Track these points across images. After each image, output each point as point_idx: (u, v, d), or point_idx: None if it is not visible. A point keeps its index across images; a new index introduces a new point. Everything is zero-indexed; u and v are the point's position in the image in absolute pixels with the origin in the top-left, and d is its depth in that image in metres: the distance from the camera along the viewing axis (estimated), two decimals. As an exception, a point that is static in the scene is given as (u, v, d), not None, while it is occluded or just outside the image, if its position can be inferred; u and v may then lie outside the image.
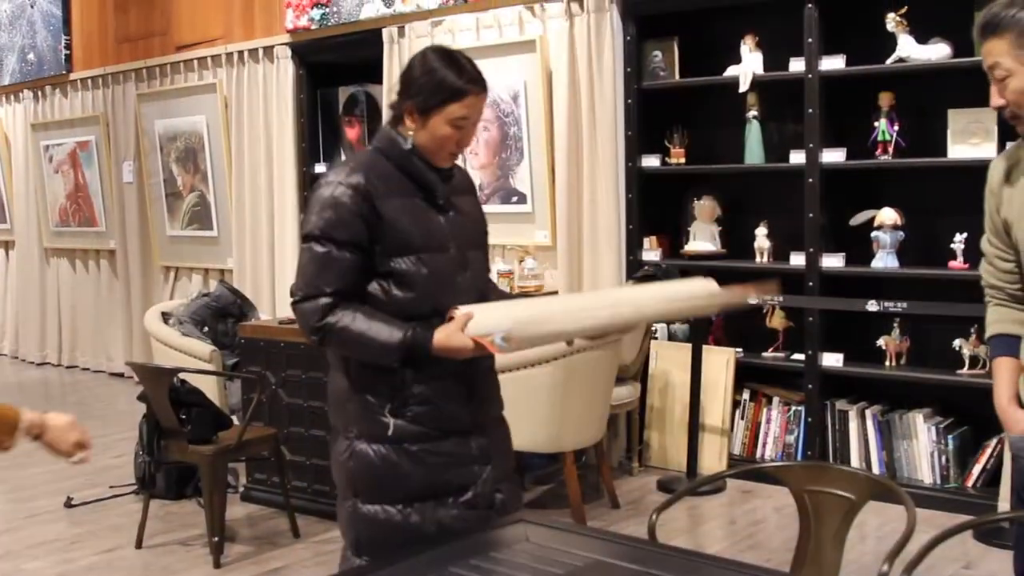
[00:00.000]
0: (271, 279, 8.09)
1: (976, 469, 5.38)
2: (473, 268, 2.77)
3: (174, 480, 5.70)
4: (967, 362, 5.39)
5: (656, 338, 6.35)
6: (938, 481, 5.46)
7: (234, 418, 5.55)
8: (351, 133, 7.86)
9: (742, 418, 6.11)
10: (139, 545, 4.97)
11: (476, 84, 2.64)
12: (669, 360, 6.25)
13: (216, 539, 4.74)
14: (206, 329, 6.44)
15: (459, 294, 2.68)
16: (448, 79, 2.61)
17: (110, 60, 9.45)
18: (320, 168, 7.88)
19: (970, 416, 5.56)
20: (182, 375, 5.03)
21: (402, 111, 2.69)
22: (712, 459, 6.01)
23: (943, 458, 5.45)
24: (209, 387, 5.54)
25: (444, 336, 2.55)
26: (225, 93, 8.35)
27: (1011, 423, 2.57)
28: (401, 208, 2.64)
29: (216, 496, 4.78)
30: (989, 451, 5.32)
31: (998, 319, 2.66)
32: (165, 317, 6.49)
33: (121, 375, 9.34)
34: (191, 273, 8.94)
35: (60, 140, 9.96)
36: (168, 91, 8.85)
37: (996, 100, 2.37)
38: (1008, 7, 2.33)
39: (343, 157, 7.91)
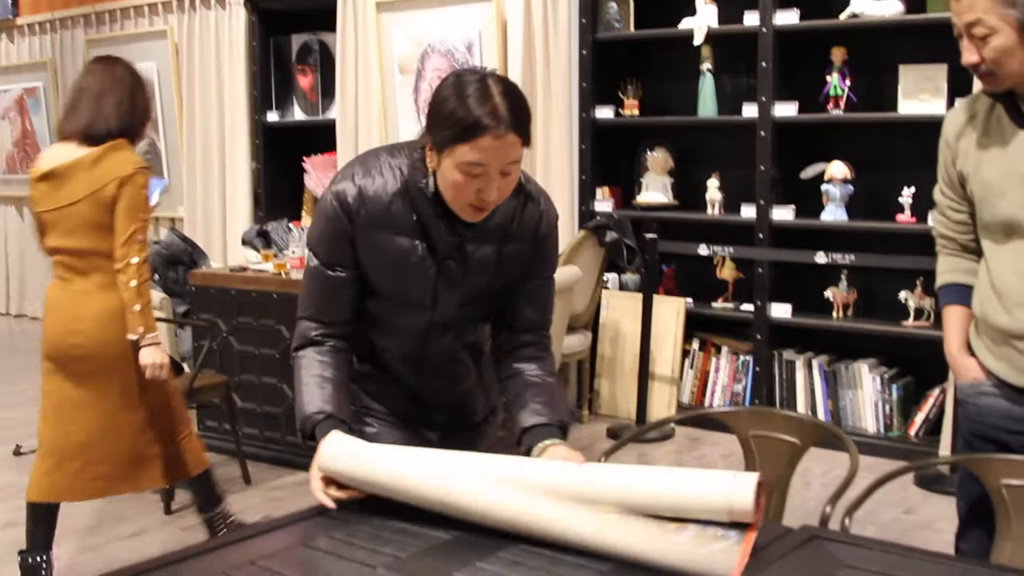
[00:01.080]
0: (222, 227, 8.06)
1: (919, 418, 5.49)
2: (456, 322, 2.41)
3: (125, 427, 5.68)
4: (912, 314, 5.47)
5: (607, 288, 6.40)
6: (882, 430, 5.56)
7: (185, 366, 5.54)
8: (304, 82, 7.81)
9: (691, 367, 6.18)
10: (90, 491, 4.96)
11: (495, 123, 2.09)
12: (620, 310, 6.30)
13: (167, 486, 4.74)
14: (156, 277, 6.42)
15: (423, 343, 2.42)
16: (459, 113, 2.10)
17: (58, 5, 9.31)
18: (272, 116, 7.84)
19: (914, 367, 5.67)
20: (133, 322, 4.99)
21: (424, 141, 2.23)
22: (661, 407, 6.08)
23: (887, 407, 5.55)
24: (160, 335, 5.50)
25: (321, 448, 2.19)
26: (176, 40, 8.26)
27: (961, 370, 2.61)
28: (380, 249, 2.29)
29: (167, 443, 4.77)
30: (932, 401, 5.43)
31: (949, 268, 2.70)
32: (115, 264, 6.45)
33: (71, 323, 9.26)
34: (141, 221, 8.86)
35: (6, 86, 9.82)
36: (118, 37, 8.73)
37: (971, 57, 2.35)
38: None
39: (295, 103, 7.87)
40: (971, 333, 2.62)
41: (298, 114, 7.93)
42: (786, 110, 5.71)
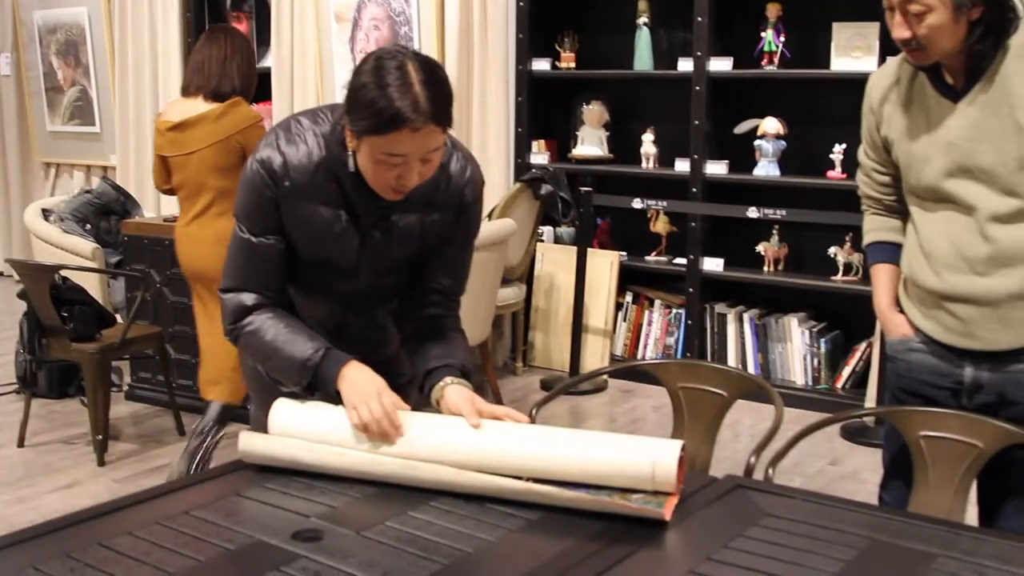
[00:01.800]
0: (155, 177, 7.96)
1: (846, 371, 5.60)
2: (378, 291, 2.42)
3: (56, 379, 5.65)
4: (841, 269, 5.57)
5: (542, 240, 6.43)
6: (810, 382, 5.67)
7: (118, 316, 5.51)
8: (239, 29, 7.72)
9: (624, 320, 6.24)
10: (21, 444, 4.93)
11: (415, 115, 2.02)
12: (554, 262, 6.34)
13: (100, 437, 4.73)
14: (88, 227, 6.35)
15: (344, 312, 2.44)
16: (378, 103, 2.03)
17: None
18: (206, 64, 7.74)
19: (842, 321, 5.77)
20: (64, 272, 4.96)
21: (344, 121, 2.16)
22: (595, 360, 6.14)
23: (815, 360, 5.66)
24: (92, 285, 5.47)
25: (359, 369, 2.21)
26: (107, -16, 8.12)
27: (891, 327, 2.67)
28: (304, 220, 2.26)
29: (100, 394, 4.76)
30: (858, 354, 5.54)
31: (875, 227, 2.76)
32: (46, 214, 6.37)
33: (0, 273, 9.15)
34: (72, 169, 8.76)
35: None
36: (48, -19, 8.58)
37: (902, 32, 2.36)
38: None
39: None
40: (900, 291, 2.68)
41: (232, 62, 7.83)
42: (721, 65, 5.75)
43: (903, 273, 2.65)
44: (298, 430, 2.14)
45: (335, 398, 2.19)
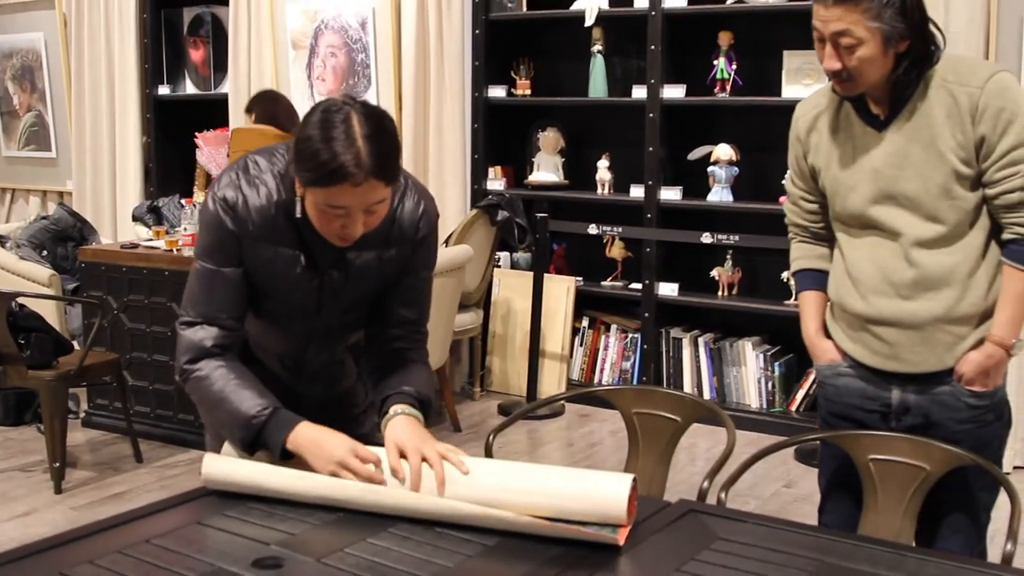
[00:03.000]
0: (112, 202, 7.94)
1: (800, 394, 5.68)
2: (339, 328, 2.45)
3: (12, 406, 5.62)
4: (794, 293, 5.62)
5: (499, 266, 6.47)
6: (764, 406, 5.73)
7: (75, 343, 5.49)
8: (195, 55, 7.74)
9: (581, 345, 6.29)
10: (-24, 471, 4.92)
11: (356, 170, 2.03)
12: (511, 288, 6.38)
13: (57, 464, 4.71)
14: (45, 253, 6.32)
15: (304, 349, 2.45)
16: (321, 156, 2.04)
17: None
18: (164, 90, 7.75)
19: (795, 345, 5.79)
20: (21, 299, 4.94)
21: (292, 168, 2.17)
22: (552, 384, 6.18)
23: (770, 384, 5.73)
24: (49, 312, 5.46)
25: (315, 429, 2.18)
26: (64, 10, 8.08)
27: (819, 352, 2.75)
28: (265, 262, 2.28)
29: (57, 421, 4.74)
30: (812, 378, 5.60)
31: (803, 255, 2.84)
32: (2, 240, 6.35)
33: (-46, 299, 9.07)
34: (28, 195, 8.70)
35: None
36: (3, 6, 8.51)
37: (833, 63, 2.42)
38: None
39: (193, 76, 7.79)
40: (827, 317, 2.76)
41: (190, 88, 7.84)
42: (674, 92, 5.82)
43: (830, 299, 2.72)
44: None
45: (277, 461, 2.17)
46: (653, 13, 5.77)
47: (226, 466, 2.16)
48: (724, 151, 5.73)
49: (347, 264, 2.31)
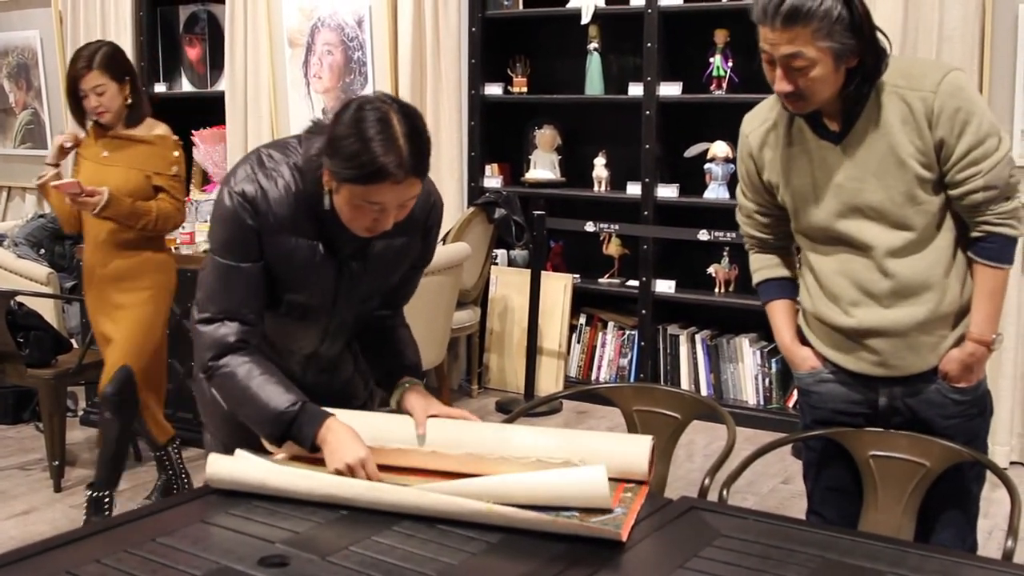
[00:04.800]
0: (108, 200, 7.93)
1: (796, 391, 5.68)
2: (353, 320, 2.49)
3: (11, 405, 5.63)
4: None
5: (496, 264, 6.48)
6: (761, 402, 5.75)
7: (73, 341, 5.50)
8: (192, 53, 7.74)
9: (578, 342, 6.30)
10: (-25, 469, 4.93)
11: (398, 171, 2.07)
12: (509, 285, 6.39)
13: (56, 463, 4.72)
14: (42, 251, 6.33)
15: (320, 342, 2.49)
16: (361, 157, 2.07)
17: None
18: (160, 88, 7.75)
19: (792, 341, 5.85)
20: (19, 298, 4.95)
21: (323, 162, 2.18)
22: (549, 381, 6.20)
23: (767, 380, 5.74)
24: (47, 310, 5.46)
25: (334, 438, 2.20)
26: (60, 8, 8.08)
27: (798, 361, 2.73)
28: (286, 253, 2.29)
29: (55, 420, 4.75)
30: (808, 375, 5.62)
31: (763, 265, 2.82)
32: (-1, 239, 6.36)
33: (-50, 297, 9.07)
34: (24, 193, 8.70)
35: None
36: (-1, 4, 8.54)
37: (784, 86, 2.38)
38: None
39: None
40: (801, 324, 2.74)
41: (186, 86, 7.84)
42: (670, 90, 5.84)
43: (805, 310, 2.70)
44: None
45: (281, 460, 2.23)
46: (649, 11, 5.78)
47: (230, 465, 2.17)
48: (721, 148, 5.74)
49: (365, 254, 2.36)
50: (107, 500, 4.18)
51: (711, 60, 5.76)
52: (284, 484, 2.11)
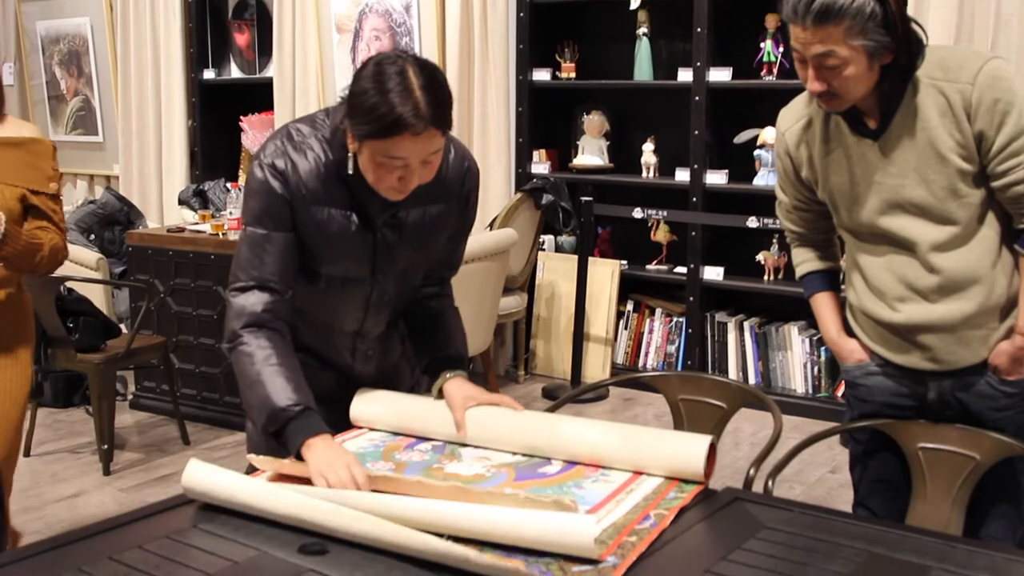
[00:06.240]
0: (159, 186, 8.00)
1: (844, 384, 5.62)
2: (395, 292, 2.46)
3: (61, 389, 5.69)
4: (842, 278, 5.58)
5: (543, 250, 6.46)
6: (810, 391, 5.69)
7: (122, 326, 5.54)
8: (240, 39, 7.77)
9: (625, 328, 6.28)
10: (27, 453, 4.97)
11: (416, 120, 2.07)
12: (556, 271, 6.37)
13: (105, 447, 4.76)
14: (92, 237, 6.39)
15: (364, 317, 2.47)
16: (380, 109, 2.07)
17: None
18: (209, 74, 7.79)
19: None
20: (69, 284, 5.00)
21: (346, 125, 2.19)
22: (596, 368, 6.17)
23: (815, 369, 5.69)
24: (96, 296, 5.51)
25: (324, 446, 2.12)
26: (110, -5, 8.17)
27: (845, 354, 2.70)
28: (320, 224, 2.30)
29: (105, 404, 4.79)
30: (858, 363, 5.56)
31: (806, 259, 2.79)
32: (50, 224, 6.40)
33: (4, 281, 9.17)
34: (76, 179, 8.79)
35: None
36: (51, -8, 8.62)
37: (817, 85, 2.34)
38: None
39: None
40: (848, 317, 2.71)
41: (235, 72, 7.88)
42: (720, 75, 5.78)
43: (853, 304, 2.66)
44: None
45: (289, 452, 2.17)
46: (699, -5, 5.74)
47: (204, 476, 2.03)
48: (770, 134, 5.68)
49: (399, 222, 2.35)
50: None
51: (761, 45, 5.70)
52: (250, 501, 1.96)
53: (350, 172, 2.22)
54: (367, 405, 2.42)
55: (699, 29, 5.76)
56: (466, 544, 1.76)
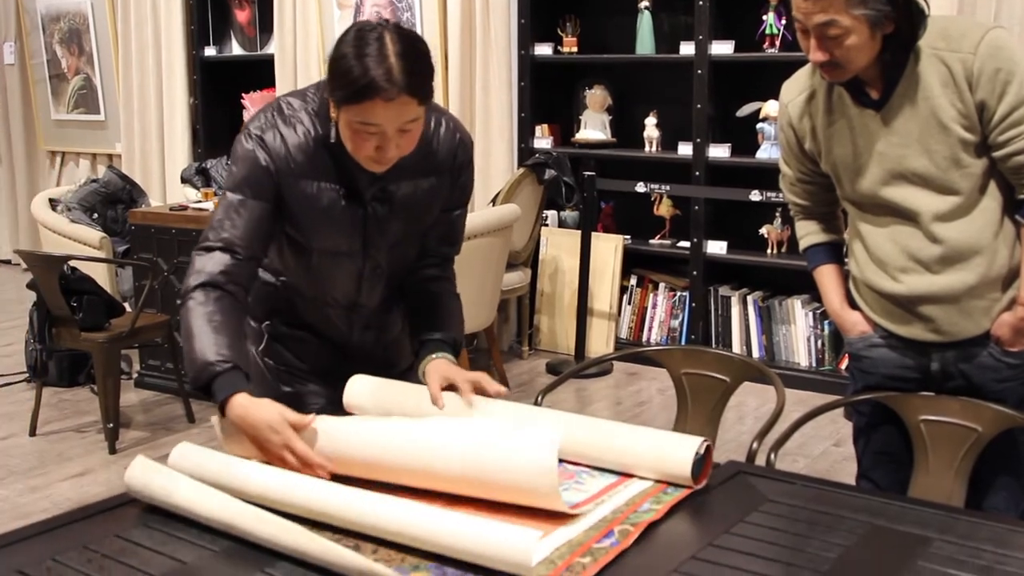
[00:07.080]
0: (160, 164, 8.00)
1: (847, 356, 5.63)
2: (388, 265, 2.45)
3: (66, 368, 5.70)
4: (845, 251, 5.58)
5: (546, 225, 6.46)
6: (814, 364, 5.70)
7: (126, 305, 5.55)
8: (241, 16, 7.75)
9: (629, 303, 6.28)
10: (33, 433, 4.98)
11: (388, 85, 2.05)
12: (559, 246, 6.37)
13: (111, 425, 4.78)
14: (95, 216, 6.38)
15: (358, 290, 2.46)
16: (353, 72, 2.06)
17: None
18: (210, 51, 7.77)
19: (846, 302, 5.79)
20: (72, 262, 5.00)
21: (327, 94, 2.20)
22: (600, 343, 6.18)
23: (819, 342, 5.69)
24: (100, 274, 5.51)
25: (247, 404, 2.10)
26: (110, -27, 8.14)
27: (848, 326, 2.70)
28: (309, 198, 2.29)
29: (110, 382, 4.81)
30: (862, 337, 5.56)
31: (809, 231, 2.79)
32: (53, 204, 6.40)
33: (8, 262, 9.19)
34: (78, 158, 8.79)
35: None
36: (50, -31, 8.60)
37: (819, 55, 2.34)
38: None
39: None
40: (851, 289, 2.71)
41: (236, 49, 7.86)
42: (722, 48, 5.76)
43: (856, 276, 2.66)
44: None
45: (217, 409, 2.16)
46: (700, -32, 5.71)
47: (144, 477, 1.99)
48: (773, 107, 5.66)
49: (389, 196, 2.34)
50: None
51: (764, 18, 5.68)
52: (185, 504, 1.90)
53: (332, 140, 2.21)
54: (358, 393, 2.32)
55: (701, 2, 5.74)
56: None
